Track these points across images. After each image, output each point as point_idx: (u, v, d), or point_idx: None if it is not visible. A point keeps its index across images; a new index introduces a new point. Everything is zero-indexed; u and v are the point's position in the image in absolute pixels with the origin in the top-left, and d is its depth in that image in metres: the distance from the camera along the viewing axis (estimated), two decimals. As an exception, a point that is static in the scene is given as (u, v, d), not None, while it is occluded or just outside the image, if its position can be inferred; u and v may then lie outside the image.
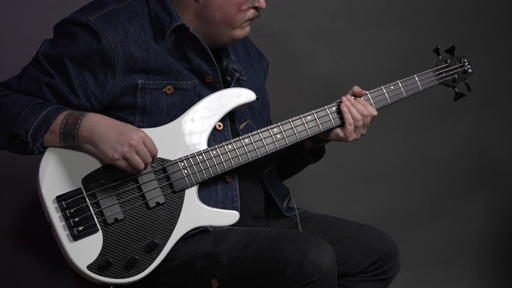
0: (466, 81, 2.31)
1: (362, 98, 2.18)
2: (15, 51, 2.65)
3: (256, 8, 2.10)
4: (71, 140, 1.94)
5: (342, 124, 2.16)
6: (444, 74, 2.28)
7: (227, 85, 2.17)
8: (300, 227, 2.25)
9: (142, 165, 1.92)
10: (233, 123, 2.17)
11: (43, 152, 1.96)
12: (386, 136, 3.23)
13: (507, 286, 3.34)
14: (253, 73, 2.31)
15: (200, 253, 2.00)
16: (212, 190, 2.09)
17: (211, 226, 2.05)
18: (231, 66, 2.18)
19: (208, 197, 2.08)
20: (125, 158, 1.91)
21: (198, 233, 2.05)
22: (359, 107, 2.15)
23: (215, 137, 2.09)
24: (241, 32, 2.11)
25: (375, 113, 2.17)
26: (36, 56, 2.01)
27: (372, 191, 3.27)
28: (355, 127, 2.15)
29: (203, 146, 2.05)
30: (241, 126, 2.18)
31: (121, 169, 1.94)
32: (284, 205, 2.29)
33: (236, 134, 2.15)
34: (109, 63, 1.99)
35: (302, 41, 3.10)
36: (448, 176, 3.36)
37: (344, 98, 2.16)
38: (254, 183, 2.21)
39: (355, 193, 3.25)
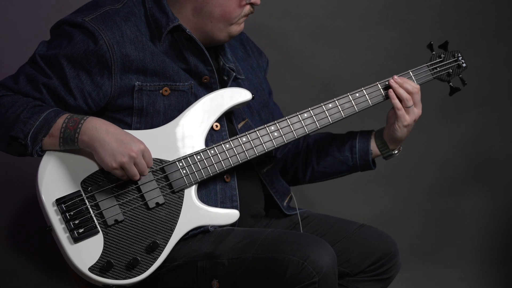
0: (460, 75, 2.31)
1: (357, 94, 2.18)
2: (15, 51, 2.65)
3: (251, 4, 2.10)
4: (71, 144, 1.94)
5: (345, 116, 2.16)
6: (438, 69, 2.28)
7: (224, 84, 2.17)
8: (301, 227, 2.25)
9: (138, 177, 1.94)
10: (230, 123, 2.16)
11: (42, 156, 1.96)
12: (386, 136, 3.23)
13: (507, 286, 3.34)
14: (251, 71, 2.31)
15: (200, 254, 2.00)
16: (211, 190, 2.09)
17: (211, 226, 2.05)
18: (227, 65, 2.17)
19: (207, 197, 2.08)
20: (123, 168, 1.92)
21: (199, 234, 2.05)
22: (408, 86, 2.17)
23: (212, 137, 2.09)
24: (237, 28, 2.12)
25: (418, 86, 2.20)
26: (33, 57, 2.01)
27: (372, 191, 3.27)
28: (406, 107, 2.17)
29: (201, 146, 2.05)
30: (239, 126, 2.18)
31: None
32: (285, 204, 2.29)
33: (233, 133, 2.15)
34: (106, 64, 1.99)
35: (302, 41, 3.10)
36: (447, 175, 3.36)
37: (392, 80, 2.18)
38: (253, 182, 2.21)
39: (355, 193, 3.25)
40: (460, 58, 2.31)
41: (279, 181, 2.30)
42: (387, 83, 2.20)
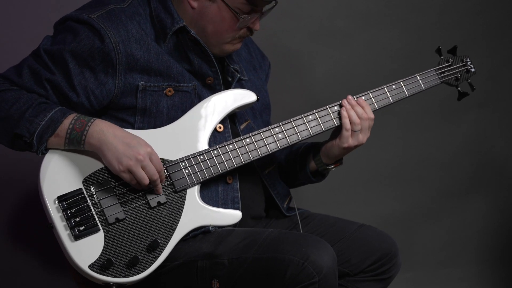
0: (469, 80, 2.30)
1: (363, 97, 2.17)
2: (15, 51, 2.64)
3: (250, 28, 2.10)
4: (76, 145, 1.94)
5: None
6: (446, 74, 2.27)
7: (227, 85, 2.17)
8: (300, 227, 2.25)
9: (146, 180, 1.93)
10: (233, 124, 2.16)
11: (45, 154, 1.96)
12: (386, 136, 3.24)
13: (507, 286, 3.35)
14: (254, 73, 2.30)
15: (201, 253, 2.00)
16: (213, 191, 2.09)
17: (212, 226, 2.05)
18: (232, 66, 2.17)
19: (208, 198, 2.08)
20: (130, 172, 1.92)
21: (199, 234, 2.04)
22: (358, 110, 2.13)
23: (215, 139, 2.09)
24: (231, 47, 2.11)
25: (372, 116, 2.15)
26: (38, 51, 2.00)
27: (372, 191, 3.27)
28: (353, 131, 2.13)
29: (204, 146, 2.05)
30: (242, 127, 2.18)
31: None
32: (285, 205, 2.28)
33: (236, 135, 2.14)
34: (111, 62, 1.99)
35: (302, 42, 3.11)
36: (448, 176, 3.36)
37: (345, 101, 2.14)
38: (255, 184, 2.21)
39: (355, 193, 3.25)
40: (469, 63, 2.30)
41: (280, 183, 2.30)
42: (393, 86, 2.20)
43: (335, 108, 2.15)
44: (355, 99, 2.15)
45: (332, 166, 2.24)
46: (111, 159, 1.91)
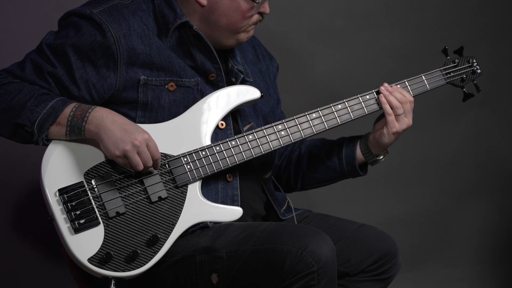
0: (475, 81, 2.29)
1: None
2: (15, 51, 2.64)
3: (260, 13, 2.11)
4: (77, 133, 1.95)
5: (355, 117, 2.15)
6: (452, 74, 2.26)
7: (231, 85, 2.16)
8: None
9: (141, 166, 1.93)
10: (236, 123, 2.16)
11: (47, 145, 1.96)
12: (385, 136, 3.23)
13: (507, 286, 3.35)
14: (259, 76, 2.30)
15: (199, 248, 2.00)
16: (213, 188, 2.09)
17: (211, 222, 2.05)
18: (236, 67, 2.18)
19: (208, 195, 2.08)
20: (126, 157, 1.92)
21: (197, 229, 2.04)
22: (397, 95, 2.15)
23: (217, 136, 2.09)
24: (245, 35, 2.13)
25: (411, 98, 2.17)
26: (40, 45, 2.02)
27: (372, 191, 3.27)
28: (396, 115, 2.14)
29: (207, 142, 2.05)
30: (245, 128, 2.18)
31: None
32: (282, 210, 2.27)
33: (238, 134, 2.13)
34: (112, 57, 1.99)
35: (302, 41, 3.12)
36: (448, 176, 3.37)
37: (382, 88, 2.15)
38: (255, 183, 2.21)
39: (355, 193, 3.25)
40: (475, 64, 2.29)
41: (278, 188, 2.30)
42: (398, 86, 2.20)
43: (339, 106, 2.14)
44: (391, 86, 2.17)
45: (382, 157, 2.26)
46: (108, 143, 1.91)
